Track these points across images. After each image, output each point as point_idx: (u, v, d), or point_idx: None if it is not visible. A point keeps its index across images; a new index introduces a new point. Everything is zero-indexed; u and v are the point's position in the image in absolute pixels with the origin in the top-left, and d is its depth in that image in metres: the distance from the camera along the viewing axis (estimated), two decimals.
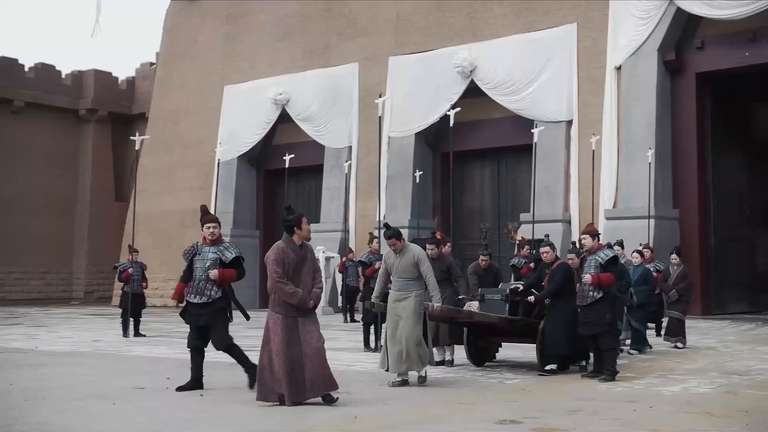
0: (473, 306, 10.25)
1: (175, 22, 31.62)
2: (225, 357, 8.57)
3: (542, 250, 10.19)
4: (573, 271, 9.75)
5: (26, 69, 34.11)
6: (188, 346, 8.46)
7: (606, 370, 9.11)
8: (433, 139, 24.81)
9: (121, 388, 8.44)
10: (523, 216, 21.70)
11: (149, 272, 17.76)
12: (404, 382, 8.86)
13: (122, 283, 16.42)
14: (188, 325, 8.44)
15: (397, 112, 24.56)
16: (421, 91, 24.20)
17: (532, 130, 20.17)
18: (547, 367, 9.64)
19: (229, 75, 29.20)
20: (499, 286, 10.88)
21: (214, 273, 8.24)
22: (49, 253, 33.71)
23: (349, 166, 25.01)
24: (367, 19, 26.04)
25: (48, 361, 11.20)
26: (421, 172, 23.44)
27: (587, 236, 9.48)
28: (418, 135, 24.58)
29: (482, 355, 10.68)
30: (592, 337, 9.30)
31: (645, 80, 20.95)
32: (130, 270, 16.11)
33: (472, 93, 23.18)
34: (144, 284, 16.51)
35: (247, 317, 8.79)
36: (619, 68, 21.39)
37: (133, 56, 66.18)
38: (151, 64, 36.06)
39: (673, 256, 13.50)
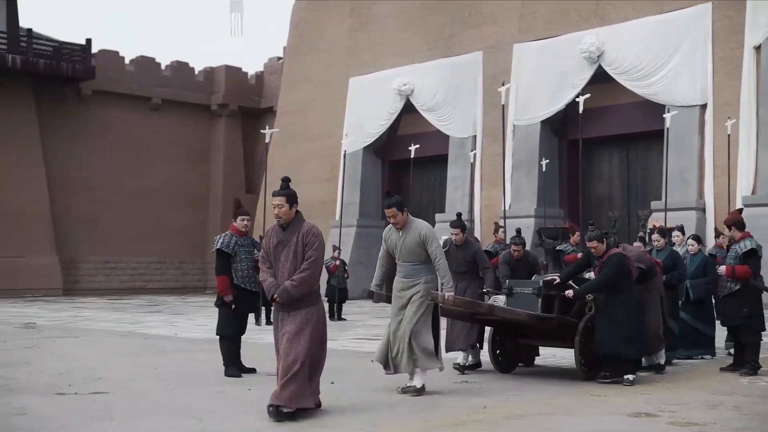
0: (499, 300, 8.75)
1: (301, 17, 32.28)
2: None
3: (590, 244, 8.46)
4: (628, 262, 8.40)
5: (162, 67, 35.62)
6: (234, 335, 8.78)
7: (747, 364, 8.74)
8: (559, 127, 24.37)
9: (256, 375, 8.72)
10: (654, 204, 21.06)
11: None
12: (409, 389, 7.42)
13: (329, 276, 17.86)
14: (236, 314, 8.78)
15: (522, 100, 24.25)
16: (546, 78, 23.80)
17: (664, 115, 19.53)
18: (600, 377, 8.19)
19: (353, 67, 29.56)
20: (533, 278, 9.18)
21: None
22: (185, 244, 35.12)
23: (474, 155, 24.91)
24: (491, 6, 25.80)
25: (187, 348, 11.69)
26: (547, 161, 23.07)
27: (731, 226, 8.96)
28: (543, 122, 24.19)
29: (510, 360, 9.14)
30: (731, 330, 8.96)
31: None
32: (337, 263, 17.76)
33: (600, 78, 22.62)
34: (346, 276, 18.15)
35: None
36: (758, 48, 20.37)
37: (262, 52, 68.02)
38: (279, 58, 36.93)
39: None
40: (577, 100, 19.10)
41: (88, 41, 32.14)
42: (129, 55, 36.57)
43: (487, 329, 9.16)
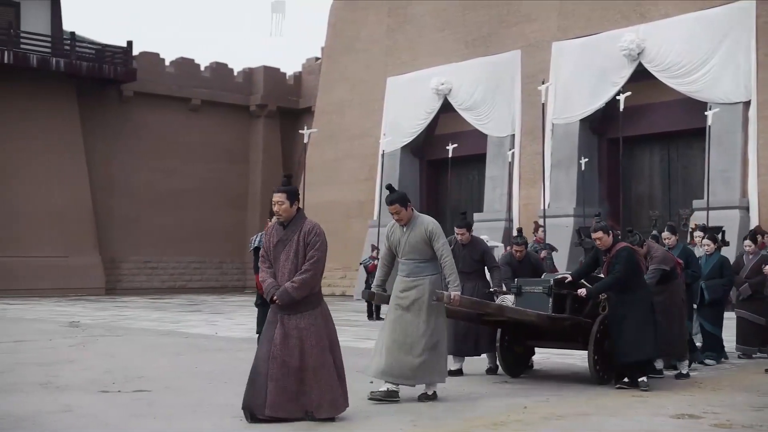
0: (507, 300, 8.45)
1: (339, 17, 32.38)
2: None
3: (594, 236, 8.07)
4: (637, 256, 8.03)
5: (202, 68, 35.95)
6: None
7: None
8: (599, 125, 24.15)
9: None
10: (696, 203, 20.79)
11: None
12: (390, 394, 6.95)
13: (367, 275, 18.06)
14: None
15: (561, 99, 24.07)
16: (585, 76, 23.60)
17: (706, 113, 19.26)
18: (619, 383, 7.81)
19: (391, 67, 29.59)
20: (542, 276, 8.87)
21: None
22: (224, 243, 35.42)
23: (512, 154, 24.79)
24: (530, 5, 25.64)
25: (227, 347, 11.79)
26: (586, 159, 22.88)
27: None
28: (582, 121, 23.99)
29: (519, 363, 8.77)
30: None
31: None
32: (375, 262, 17.61)
33: (640, 76, 22.36)
34: None
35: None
36: None
37: (300, 52, 68.36)
38: (317, 59, 37.07)
39: (747, 242, 10.72)
40: (617, 98, 18.94)
41: (129, 43, 32.55)
42: (169, 56, 37.03)
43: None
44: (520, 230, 9.85)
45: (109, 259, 32.35)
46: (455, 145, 24.07)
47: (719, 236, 10.99)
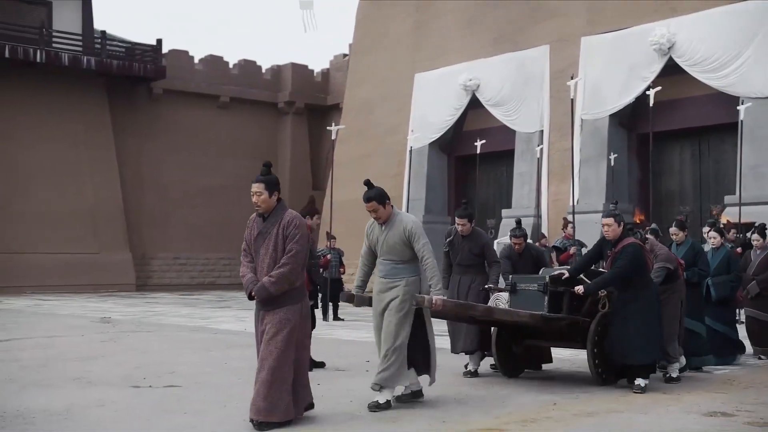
0: (501, 298, 8.02)
1: (366, 14, 32.38)
2: None
3: (604, 221, 7.58)
4: (646, 254, 7.56)
5: (230, 66, 36.14)
6: None
7: None
8: (628, 120, 23.95)
9: (325, 370, 8.80)
10: (727, 198, 20.54)
11: (345, 259, 18.35)
12: (416, 394, 6.78)
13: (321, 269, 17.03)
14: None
15: (590, 94, 23.88)
16: (615, 71, 23.39)
17: (738, 107, 19.01)
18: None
19: (419, 63, 29.54)
20: (540, 273, 8.25)
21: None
22: None
23: (541, 150, 24.65)
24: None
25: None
26: (615, 155, 22.70)
27: None
28: (612, 116, 23.78)
29: (517, 363, 8.37)
30: None
31: None
32: (328, 256, 16.58)
33: (670, 71, 22.13)
34: (342, 270, 17.07)
35: None
36: None
37: (328, 49, 68.49)
38: (345, 55, 37.12)
39: (755, 236, 10.11)
40: (647, 93, 18.75)
41: (159, 41, 32.79)
42: (198, 54, 37.24)
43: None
44: (518, 221, 9.25)
45: (140, 256, 32.64)
46: (483, 141, 23.98)
47: (766, 232, 10.16)
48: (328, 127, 19.96)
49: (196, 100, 34.53)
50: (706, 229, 10.42)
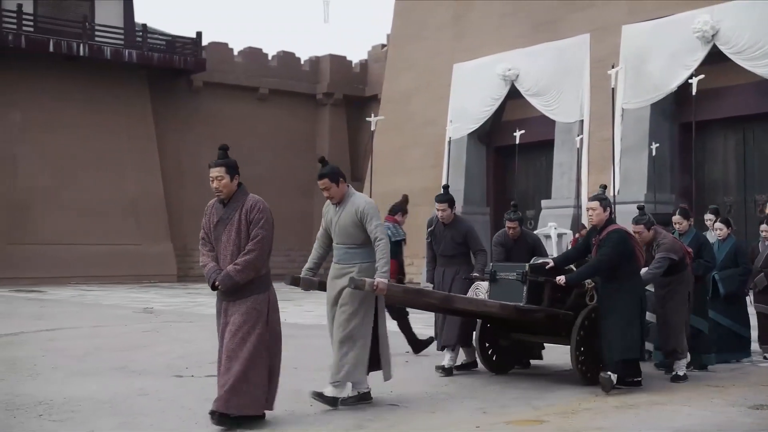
0: (481, 288, 7.49)
1: (405, 4, 32.30)
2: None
3: (589, 205, 7.21)
4: (632, 241, 7.11)
5: (269, 58, 36.30)
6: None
7: None
8: (670, 109, 23.62)
9: None
10: None
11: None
12: (363, 397, 6.31)
13: None
14: None
15: (631, 83, 23.58)
16: (656, 60, 23.07)
17: None
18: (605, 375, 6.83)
19: (457, 53, 29.40)
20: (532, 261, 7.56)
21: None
22: (292, 231, 35.72)
23: (581, 140, 24.42)
24: None
25: (296, 334, 11.88)
26: (657, 144, 22.41)
27: None
28: (654, 105, 23.47)
29: (505, 359, 7.84)
30: None
31: None
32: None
33: (713, 59, 21.76)
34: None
35: None
36: None
37: (366, 40, 68.45)
38: (383, 46, 37.07)
39: (763, 226, 9.41)
40: (690, 81, 18.48)
41: (199, 34, 33.05)
42: (237, 46, 37.45)
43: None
44: (515, 205, 8.59)
45: (181, 247, 32.98)
46: (522, 132, 23.83)
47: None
48: (367, 118, 20.01)
49: (235, 93, 34.74)
50: (708, 216, 9.85)
